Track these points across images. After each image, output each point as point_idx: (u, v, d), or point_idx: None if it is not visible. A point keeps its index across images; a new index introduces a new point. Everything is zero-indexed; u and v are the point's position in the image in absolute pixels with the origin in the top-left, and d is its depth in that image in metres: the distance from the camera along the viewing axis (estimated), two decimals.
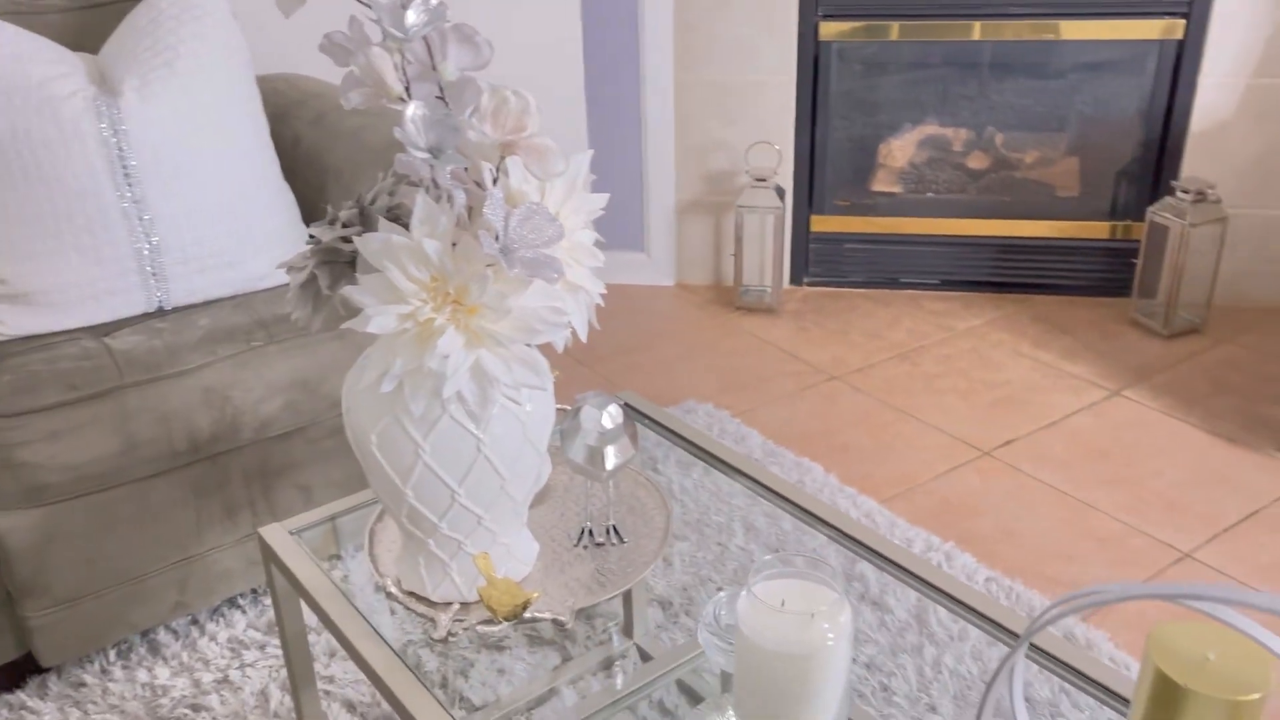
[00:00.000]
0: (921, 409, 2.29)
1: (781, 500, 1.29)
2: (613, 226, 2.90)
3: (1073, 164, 2.75)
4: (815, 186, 2.81)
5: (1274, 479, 2.00)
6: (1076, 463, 2.08)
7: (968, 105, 2.75)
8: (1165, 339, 2.53)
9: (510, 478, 1.01)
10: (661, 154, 2.78)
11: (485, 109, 0.83)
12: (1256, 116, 2.48)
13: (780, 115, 2.70)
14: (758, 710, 0.93)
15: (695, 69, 2.69)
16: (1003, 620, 1.07)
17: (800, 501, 1.27)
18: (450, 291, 0.87)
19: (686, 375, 2.46)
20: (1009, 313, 2.71)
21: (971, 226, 2.78)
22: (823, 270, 2.89)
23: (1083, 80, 2.64)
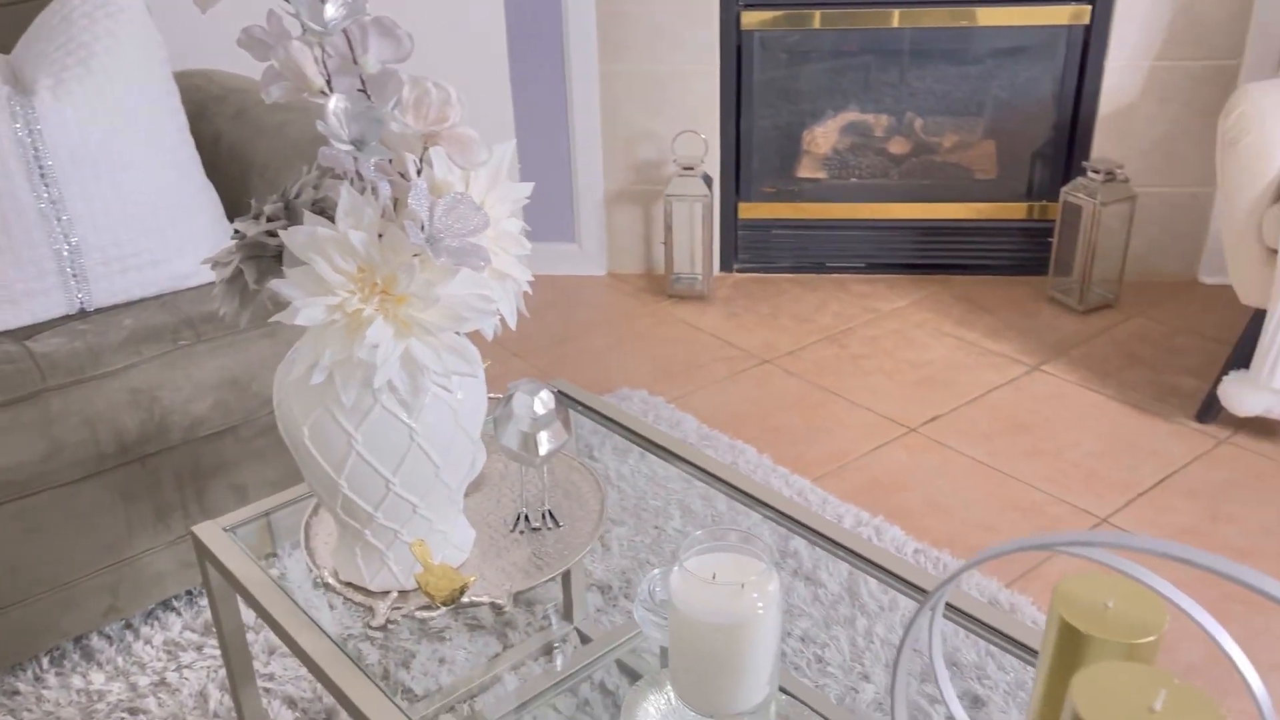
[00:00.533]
0: (850, 389, 2.34)
1: (716, 481, 1.32)
2: (543, 218, 2.91)
3: (989, 147, 2.83)
4: (742, 174, 2.85)
5: (1184, 445, 2.09)
6: (998, 436, 2.15)
7: (888, 91, 2.81)
8: (1081, 314, 2.63)
9: (444, 465, 1.02)
10: (589, 144, 2.80)
11: (407, 100, 0.84)
12: (1160, 98, 2.58)
13: (705, 104, 2.73)
14: (693, 681, 0.96)
15: (620, 59, 2.71)
16: (930, 588, 1.12)
17: (734, 481, 1.30)
18: (378, 282, 0.88)
19: (620, 364, 2.49)
20: (932, 293, 2.78)
21: (894, 210, 2.84)
22: (752, 257, 2.93)
23: (997, 65, 2.72)
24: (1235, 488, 1.96)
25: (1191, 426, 2.15)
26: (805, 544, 1.79)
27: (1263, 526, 1.85)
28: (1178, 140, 2.62)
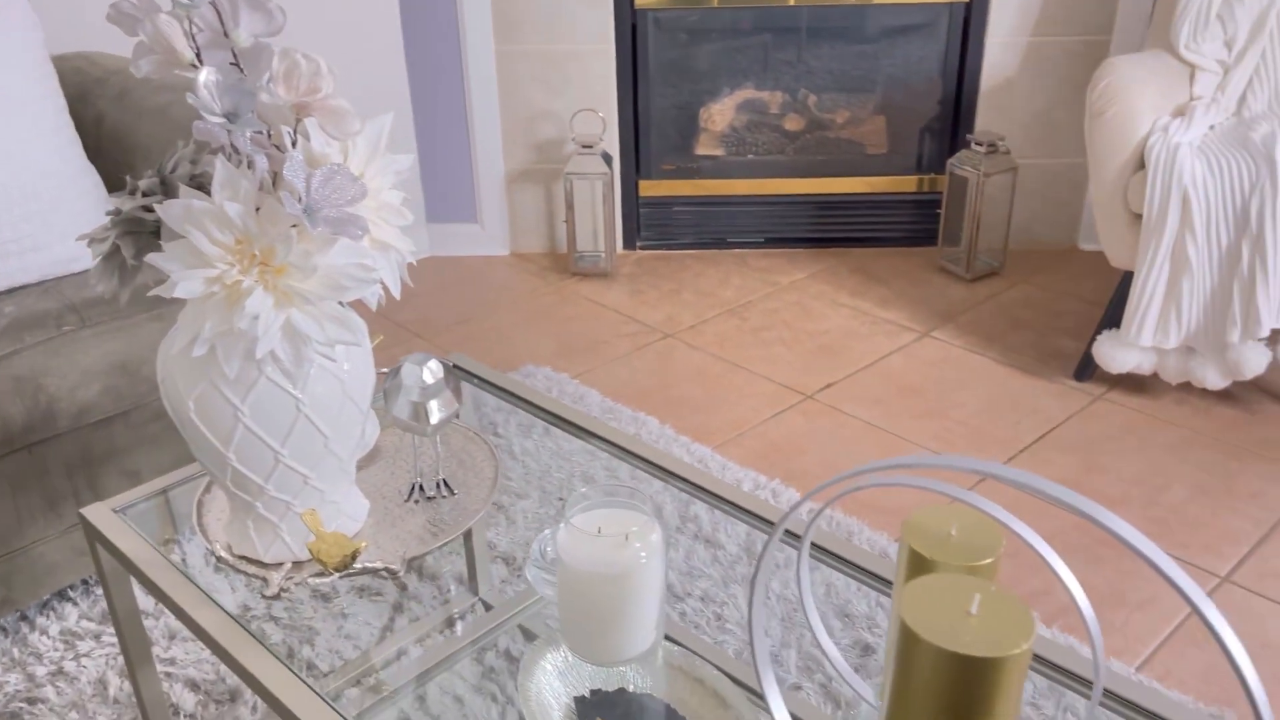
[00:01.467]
0: (750, 360, 2.40)
1: (616, 449, 1.36)
2: (444, 199, 2.91)
3: (880, 123, 2.92)
4: (641, 152, 2.88)
5: (1063, 403, 2.20)
6: (890, 400, 2.23)
7: (782, 69, 2.87)
8: (968, 282, 2.73)
9: (333, 436, 1.04)
10: (487, 125, 2.80)
11: (277, 72, 0.85)
12: (1037, 73, 2.69)
13: (603, 83, 2.76)
14: (584, 632, 1.00)
15: (516, 39, 2.72)
16: (822, 543, 1.17)
17: (634, 449, 1.34)
18: (256, 253, 0.90)
19: (524, 342, 2.51)
20: (829, 266, 2.86)
21: (791, 186, 2.91)
22: (654, 234, 2.97)
23: (886, 44, 2.80)
24: (1108, 440, 2.07)
25: (1070, 385, 2.26)
26: (705, 508, 1.84)
27: (1133, 475, 1.97)
28: (1055, 113, 2.73)
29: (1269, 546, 1.77)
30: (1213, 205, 1.97)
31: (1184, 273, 2.01)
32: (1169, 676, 1.52)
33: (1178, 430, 2.09)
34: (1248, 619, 1.62)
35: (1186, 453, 2.02)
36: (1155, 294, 2.05)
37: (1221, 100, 2.24)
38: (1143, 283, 2.06)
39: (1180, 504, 1.88)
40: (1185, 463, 1.99)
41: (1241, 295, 1.97)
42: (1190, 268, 2.00)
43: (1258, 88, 2.24)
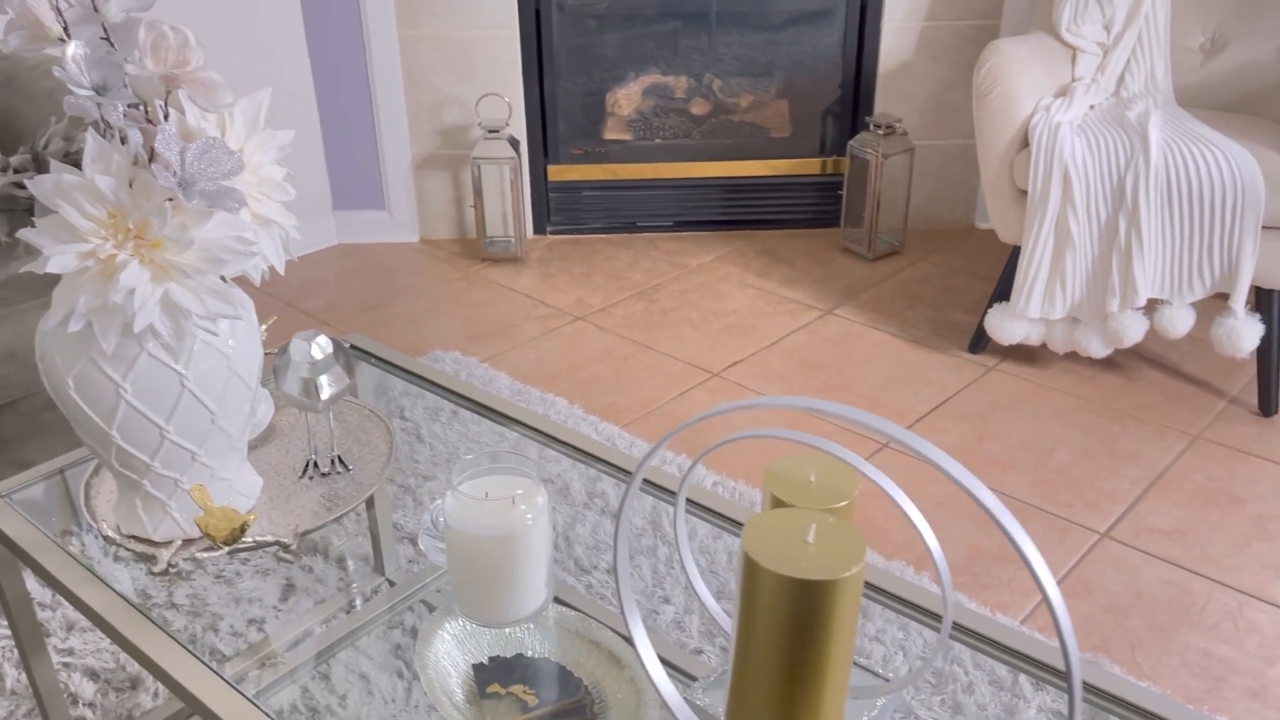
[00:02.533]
0: (659, 341, 2.44)
1: (521, 427, 1.38)
2: (351, 186, 2.89)
3: (783, 107, 2.98)
4: (549, 137, 2.90)
5: (957, 375, 2.28)
6: (794, 375, 2.29)
7: (686, 55, 2.91)
8: (870, 261, 2.81)
9: (221, 412, 1.04)
10: (392, 111, 2.79)
11: (144, 44, 0.85)
12: (931, 56, 2.77)
13: (508, 68, 2.77)
14: (475, 595, 1.02)
15: (419, 24, 2.71)
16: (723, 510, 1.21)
17: (538, 426, 1.36)
18: (131, 227, 0.90)
19: (434, 327, 2.51)
20: (737, 248, 2.91)
21: (698, 169, 2.95)
22: (564, 218, 2.99)
23: (787, 29, 2.85)
24: (1000, 408, 2.16)
25: (964, 357, 2.35)
26: (612, 484, 1.87)
27: (1022, 441, 2.05)
28: (949, 95, 2.82)
29: (1145, 504, 1.87)
30: (1092, 181, 2.06)
31: (1067, 246, 2.10)
32: (1049, 628, 1.60)
33: (1065, 397, 2.19)
34: (1124, 571, 1.71)
35: (1072, 418, 2.12)
36: (1041, 267, 2.14)
37: (1101, 81, 2.34)
38: (1029, 257, 2.14)
39: (1065, 466, 1.97)
40: (1070, 427, 2.09)
41: (1120, 267, 2.07)
42: (1072, 241, 2.09)
43: (1135, 69, 2.35)
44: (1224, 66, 2.30)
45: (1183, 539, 1.77)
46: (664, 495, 1.25)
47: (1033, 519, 1.83)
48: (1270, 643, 1.55)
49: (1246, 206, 1.95)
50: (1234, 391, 2.19)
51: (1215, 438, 2.04)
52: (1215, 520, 1.82)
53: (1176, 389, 2.20)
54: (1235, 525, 1.80)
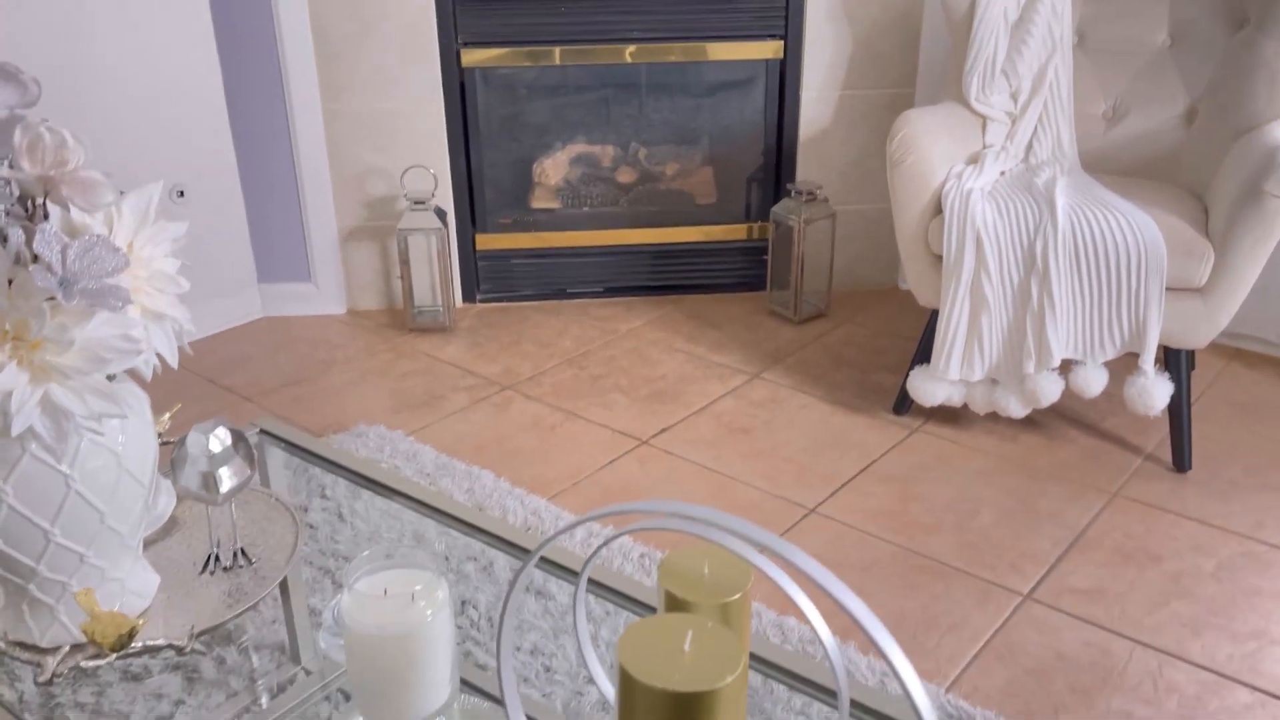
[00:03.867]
0: (587, 409, 2.43)
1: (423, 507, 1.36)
2: (276, 259, 2.86)
3: (709, 174, 3.02)
4: (477, 206, 2.90)
5: (882, 436, 2.31)
6: (722, 441, 2.30)
7: (611, 124, 2.95)
8: (796, 325, 2.84)
9: (110, 511, 1.01)
10: (318, 184, 2.78)
11: (19, 145, 0.84)
12: (850, 124, 2.84)
13: (433, 140, 2.78)
14: (376, 695, 0.99)
15: (343, 98, 2.71)
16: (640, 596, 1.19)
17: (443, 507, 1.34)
18: (8, 328, 0.87)
19: (358, 401, 2.48)
20: (666, 312, 2.93)
21: (627, 236, 2.98)
22: (494, 286, 2.99)
23: (709, 99, 2.91)
24: (924, 470, 2.18)
25: (889, 419, 2.37)
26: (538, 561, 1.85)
27: (946, 503, 2.07)
28: (868, 161, 2.89)
29: (1066, 564, 1.89)
30: (1003, 246, 2.12)
31: (983, 310, 2.15)
32: (976, 693, 1.60)
33: (986, 458, 2.22)
34: (1046, 633, 1.72)
35: (994, 478, 2.15)
36: (959, 330, 2.18)
37: (1011, 148, 2.41)
38: (947, 320, 2.18)
39: (988, 527, 1.99)
40: (993, 488, 2.11)
41: (1034, 329, 2.12)
42: (988, 305, 2.14)
43: (1042, 136, 2.43)
44: (1126, 133, 2.39)
45: (1103, 598, 1.79)
46: (566, 575, 1.23)
47: (957, 582, 1.84)
48: (1190, 702, 1.57)
49: (1150, 269, 2.01)
50: (1150, 448, 2.24)
51: (1133, 495, 2.08)
52: (1133, 579, 1.84)
53: (1095, 446, 2.25)
54: (1153, 583, 1.83)
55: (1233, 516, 2.01)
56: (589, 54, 2.75)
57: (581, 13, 2.70)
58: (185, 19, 2.56)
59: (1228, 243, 1.97)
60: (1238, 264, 1.97)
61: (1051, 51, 2.42)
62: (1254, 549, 1.92)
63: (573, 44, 2.73)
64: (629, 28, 2.73)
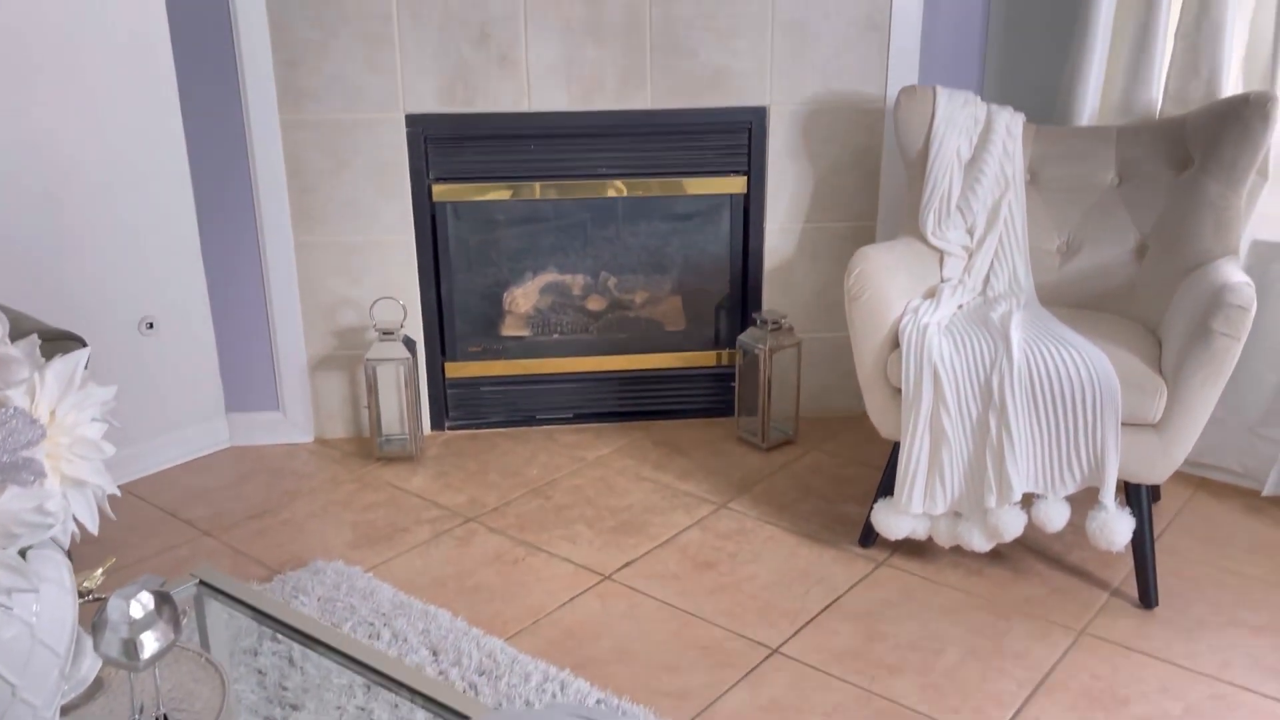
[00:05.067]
0: (551, 541, 2.41)
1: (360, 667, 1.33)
2: (245, 388, 2.86)
3: (677, 302, 3.06)
4: (446, 335, 2.93)
5: (848, 570, 2.28)
6: (687, 575, 2.27)
7: (581, 254, 3.00)
8: (764, 452, 2.84)
9: (23, 684, 0.99)
10: (288, 314, 2.80)
11: None
12: (813, 255, 2.89)
13: (404, 270, 2.81)
14: None
15: (316, 231, 2.76)
16: None
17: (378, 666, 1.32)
18: None
19: (320, 534, 2.45)
20: (635, 439, 2.93)
21: (596, 363, 2.99)
22: (463, 414, 2.99)
23: (676, 230, 2.97)
24: (889, 607, 2.15)
25: (855, 552, 2.35)
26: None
27: (910, 641, 2.04)
28: (832, 291, 2.93)
29: (1032, 707, 1.85)
30: (961, 380, 2.13)
31: (943, 443, 2.15)
32: None
33: (952, 593, 2.19)
34: None
35: (959, 615, 2.11)
36: (920, 463, 2.18)
37: (968, 281, 2.45)
38: (908, 453, 2.19)
39: (953, 667, 1.95)
40: (958, 625, 2.08)
41: (994, 463, 2.12)
42: (947, 438, 2.14)
43: (998, 270, 2.47)
44: (1080, 267, 2.44)
45: None
46: None
47: None
48: None
49: (1105, 404, 2.03)
50: (1116, 582, 2.21)
51: (1100, 633, 2.05)
52: None
53: (1061, 581, 2.22)
54: None
55: (1200, 656, 1.97)
56: (554, 190, 2.81)
57: (548, 151, 2.78)
58: (161, 150, 2.62)
59: (1179, 380, 1.99)
60: (1190, 400, 1.99)
61: (1005, 189, 2.48)
62: (1222, 690, 1.88)
63: (538, 180, 2.80)
64: (595, 164, 2.80)
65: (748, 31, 2.70)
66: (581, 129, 2.77)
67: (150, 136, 2.59)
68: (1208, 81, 2.39)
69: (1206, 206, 2.24)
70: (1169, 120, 2.40)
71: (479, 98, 2.70)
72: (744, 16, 2.69)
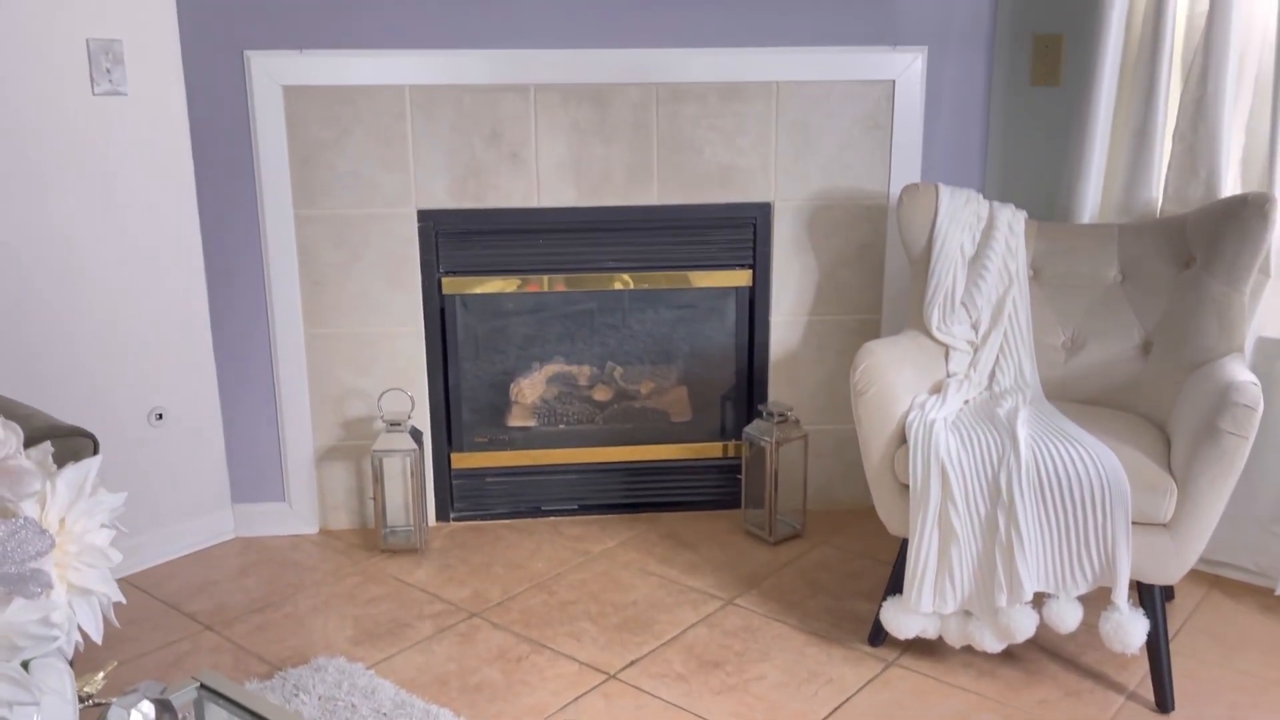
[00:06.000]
0: (555, 638, 2.37)
1: None
2: (251, 479, 2.86)
3: (683, 393, 3.07)
4: (453, 425, 2.93)
5: (857, 671, 2.24)
6: (693, 675, 2.23)
7: (588, 342, 3.03)
8: (772, 545, 2.81)
9: None
10: (296, 404, 2.81)
11: None
12: (818, 347, 2.91)
13: (412, 361, 2.83)
14: None
15: (326, 323, 2.79)
16: None
17: None
18: None
19: (321, 628, 2.42)
20: (640, 532, 2.91)
21: (602, 454, 2.99)
22: (468, 505, 2.98)
23: (683, 322, 3.00)
24: (899, 709, 2.10)
25: (865, 650, 2.31)
26: None
27: None
28: (837, 382, 2.94)
29: None
30: (969, 478, 2.12)
31: (951, 541, 2.13)
32: None
33: (964, 695, 2.15)
34: None
35: (972, 718, 2.07)
36: (929, 562, 2.16)
37: (974, 376, 2.46)
38: (916, 551, 2.17)
39: None
40: None
41: (1003, 562, 2.09)
42: (956, 536, 2.13)
43: (1004, 365, 2.48)
44: (1085, 363, 2.45)
45: None
46: None
47: None
48: None
49: (1115, 504, 2.02)
50: (1131, 685, 2.17)
51: None
52: None
53: (1075, 683, 2.18)
54: None
55: None
56: (562, 282, 2.85)
57: (557, 245, 2.82)
58: (177, 245, 2.66)
59: (1189, 479, 1.98)
60: (1201, 500, 1.98)
61: (1009, 285, 2.51)
62: None
63: (546, 273, 2.83)
64: (603, 258, 2.84)
65: (752, 130, 2.77)
66: (589, 224, 2.82)
67: (167, 232, 2.63)
68: (1206, 182, 2.43)
69: (1210, 304, 2.26)
70: (1170, 219, 2.43)
71: (490, 193, 2.75)
72: (748, 116, 2.75)
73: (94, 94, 2.45)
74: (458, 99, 2.68)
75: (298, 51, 2.62)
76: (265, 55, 2.61)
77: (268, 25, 2.61)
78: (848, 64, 2.74)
